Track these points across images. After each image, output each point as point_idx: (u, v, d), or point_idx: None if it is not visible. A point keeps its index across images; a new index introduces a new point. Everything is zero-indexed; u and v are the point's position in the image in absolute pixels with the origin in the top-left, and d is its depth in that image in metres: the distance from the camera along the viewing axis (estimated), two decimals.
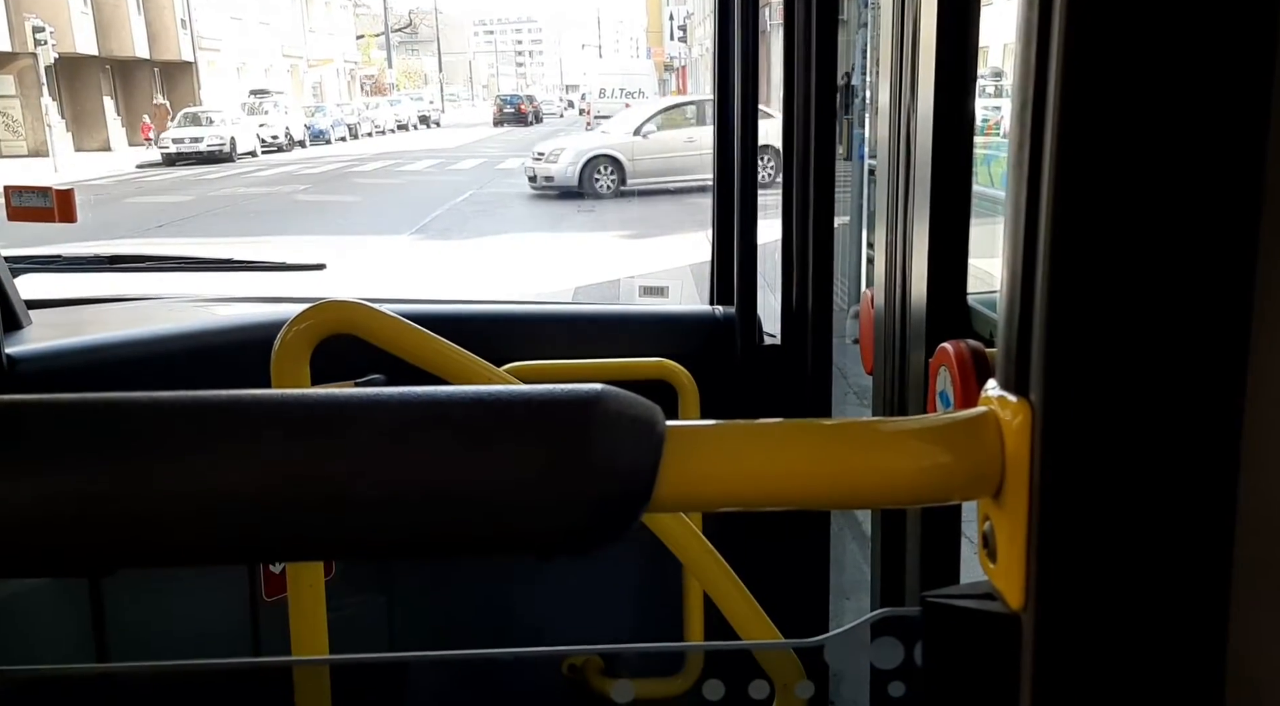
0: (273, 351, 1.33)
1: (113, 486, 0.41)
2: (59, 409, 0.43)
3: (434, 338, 1.37)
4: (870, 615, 0.56)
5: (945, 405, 1.03)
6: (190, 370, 1.82)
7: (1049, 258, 0.45)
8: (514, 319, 2.12)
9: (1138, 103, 0.43)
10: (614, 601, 2.10)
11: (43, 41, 23.99)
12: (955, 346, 1.04)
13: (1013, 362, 0.47)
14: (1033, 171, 0.45)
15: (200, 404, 0.43)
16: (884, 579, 1.30)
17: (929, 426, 0.50)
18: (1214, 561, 0.46)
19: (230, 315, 2.05)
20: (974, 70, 1.16)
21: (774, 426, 0.49)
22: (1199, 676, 0.47)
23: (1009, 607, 0.49)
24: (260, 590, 1.87)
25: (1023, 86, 0.46)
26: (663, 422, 0.46)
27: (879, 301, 1.33)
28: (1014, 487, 0.47)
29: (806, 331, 1.86)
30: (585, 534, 0.45)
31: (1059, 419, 0.45)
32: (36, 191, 2.25)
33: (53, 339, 1.79)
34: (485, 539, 0.46)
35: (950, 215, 1.15)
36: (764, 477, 0.48)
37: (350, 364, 1.59)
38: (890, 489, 0.49)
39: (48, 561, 0.44)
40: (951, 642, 0.51)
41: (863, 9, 6.03)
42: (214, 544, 0.44)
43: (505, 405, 0.45)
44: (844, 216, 6.10)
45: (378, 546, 0.46)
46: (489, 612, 2.09)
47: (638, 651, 0.84)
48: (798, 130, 1.79)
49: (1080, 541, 0.46)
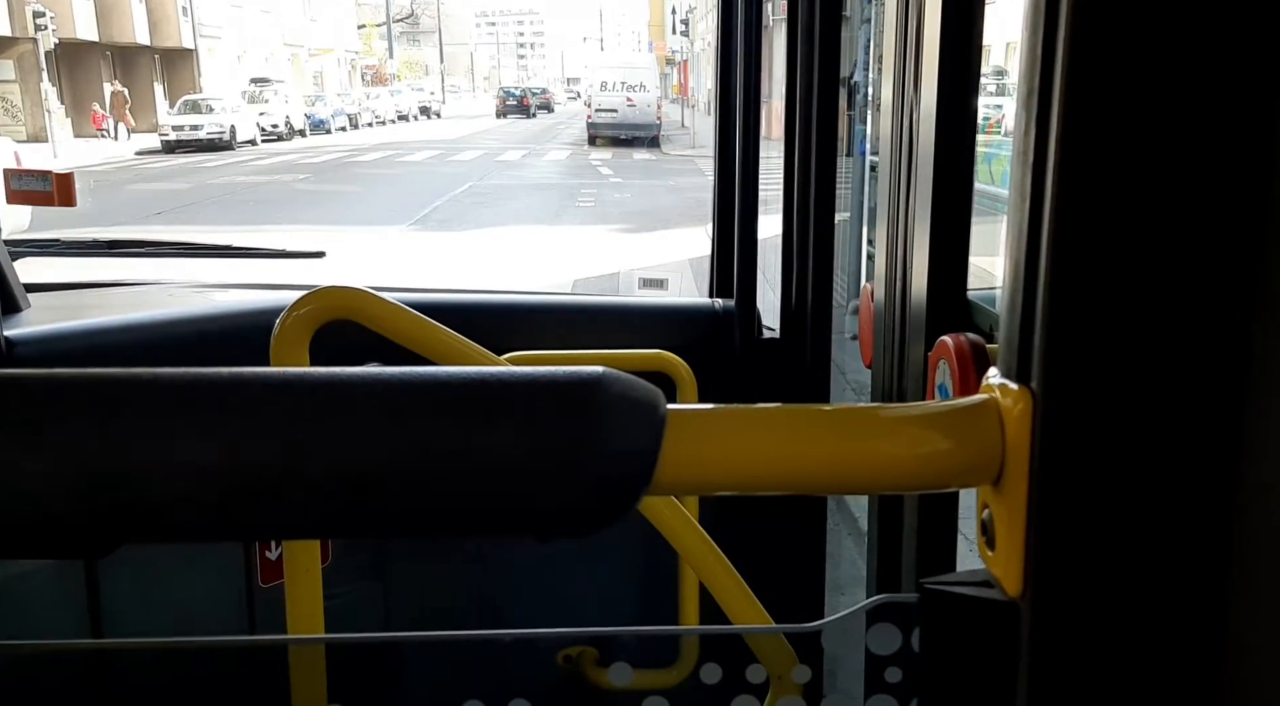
0: (272, 336, 1.33)
1: (110, 463, 0.41)
2: (55, 385, 0.43)
3: (434, 325, 1.37)
4: (867, 601, 0.56)
5: (945, 397, 1.04)
6: (189, 355, 1.82)
7: (1051, 245, 0.45)
8: (514, 309, 2.13)
9: (1140, 93, 0.43)
10: (610, 590, 2.10)
11: (43, 27, 23.92)
12: (955, 339, 1.04)
13: (1014, 350, 0.48)
14: (1037, 160, 0.45)
15: (199, 381, 0.43)
16: (880, 567, 1.31)
17: (930, 413, 0.50)
18: (1212, 550, 0.46)
19: (230, 300, 2.05)
20: (977, 67, 1.16)
21: (775, 411, 0.50)
22: (1196, 665, 0.47)
23: (1007, 594, 0.49)
24: (256, 576, 1.87)
25: (1028, 76, 0.46)
26: (664, 405, 0.46)
27: (879, 295, 1.33)
28: (1013, 475, 0.47)
29: (806, 325, 1.86)
30: (585, 515, 0.45)
31: (1060, 407, 0.46)
32: (36, 175, 2.25)
33: (52, 322, 1.79)
34: (485, 519, 0.46)
35: (952, 211, 1.15)
36: (764, 462, 0.48)
37: (349, 350, 1.59)
38: (890, 475, 0.49)
39: (44, 541, 0.44)
40: (949, 629, 0.51)
41: (866, 5, 6.03)
42: (211, 521, 0.44)
43: (507, 386, 0.45)
44: (844, 212, 6.10)
45: (376, 524, 0.46)
46: (485, 600, 2.10)
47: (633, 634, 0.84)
48: (800, 125, 1.79)
49: (1079, 529, 0.46)
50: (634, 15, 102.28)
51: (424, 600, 2.08)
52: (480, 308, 2.10)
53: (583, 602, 2.09)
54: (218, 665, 1.50)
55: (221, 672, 1.72)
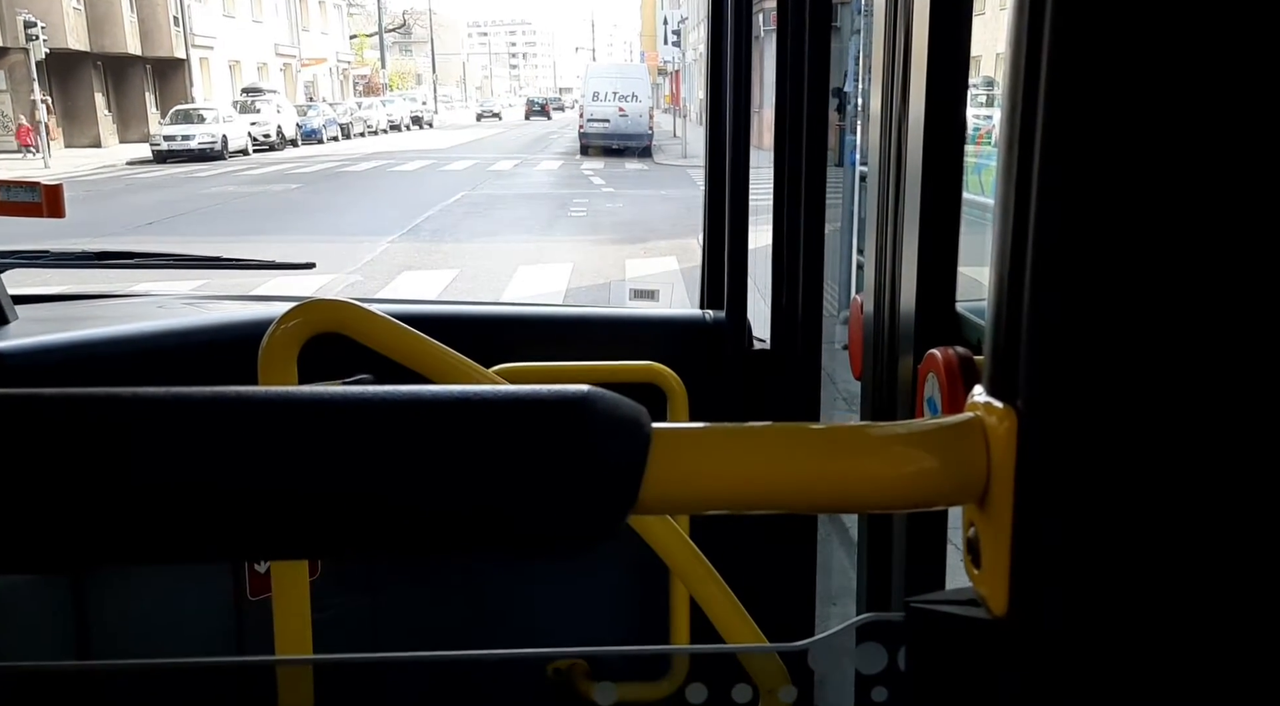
0: (260, 349, 1.33)
1: (94, 481, 0.41)
2: (40, 404, 0.43)
3: (422, 338, 1.37)
4: (854, 619, 0.56)
5: (933, 411, 1.03)
6: (177, 367, 1.81)
7: (1037, 264, 0.45)
8: (503, 320, 2.12)
9: (1127, 106, 0.43)
10: (600, 606, 2.09)
11: (34, 37, 23.90)
12: (943, 353, 1.04)
13: (1000, 369, 0.47)
14: (1021, 177, 0.45)
15: (185, 400, 0.43)
16: (870, 584, 1.30)
17: (915, 432, 0.50)
18: (1196, 568, 0.46)
19: (219, 313, 2.04)
20: (966, 78, 1.16)
21: (761, 429, 0.49)
22: (1180, 684, 0.47)
23: (992, 613, 0.49)
24: (245, 590, 1.86)
25: (1012, 91, 0.46)
26: (649, 424, 0.46)
27: (868, 307, 1.33)
28: (999, 494, 0.47)
29: (797, 337, 1.86)
30: (571, 535, 0.45)
31: (1045, 426, 0.45)
32: (24, 186, 2.23)
33: (39, 334, 1.78)
34: (469, 539, 0.46)
35: (940, 222, 1.15)
36: (751, 480, 0.48)
37: (338, 363, 1.58)
38: (876, 493, 0.49)
39: (28, 557, 0.44)
40: (935, 648, 0.51)
41: (856, 16, 6.06)
42: (197, 541, 0.43)
43: (491, 405, 0.45)
44: (834, 223, 6.12)
45: (361, 544, 0.45)
46: (474, 616, 2.09)
47: (622, 653, 0.84)
48: (790, 135, 1.79)
49: (1064, 549, 0.46)
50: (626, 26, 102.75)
51: (413, 613, 2.07)
52: (470, 319, 2.09)
53: (574, 617, 2.08)
54: (205, 681, 1.49)
55: (208, 687, 1.71)
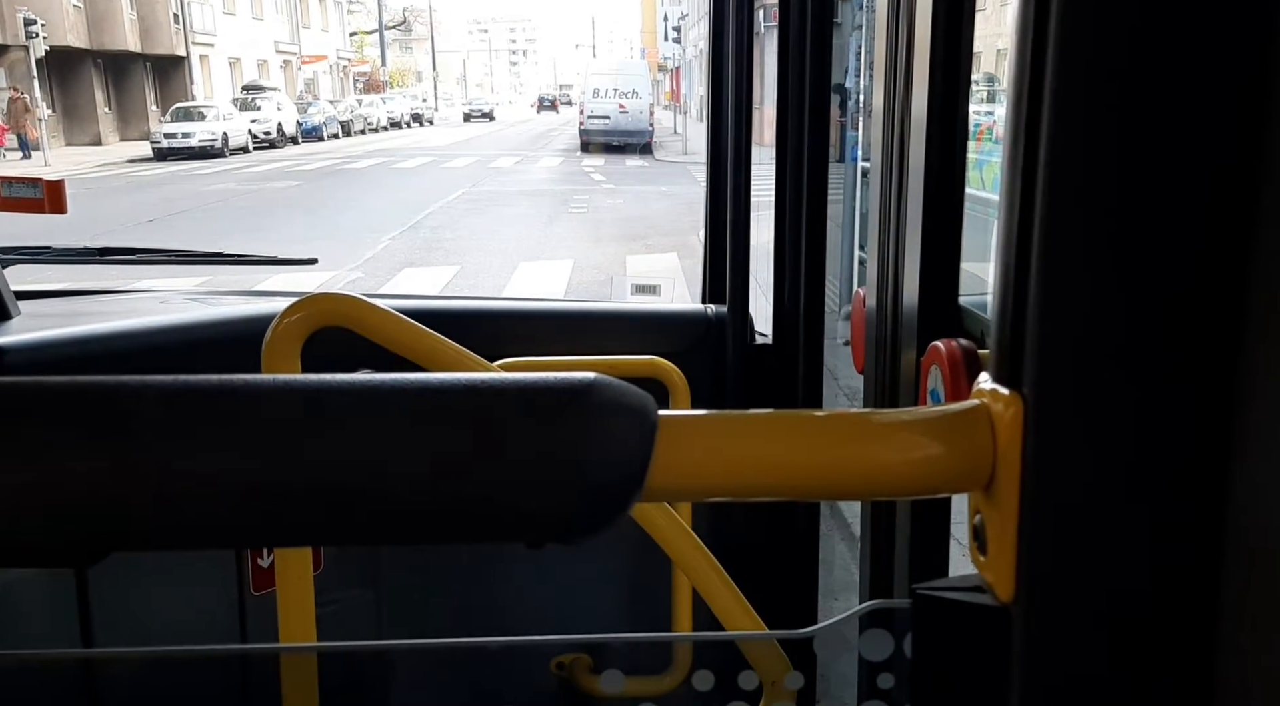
0: (264, 343, 1.33)
1: (99, 471, 0.41)
2: (44, 392, 0.43)
3: (426, 332, 1.37)
4: (860, 607, 0.56)
5: (936, 403, 1.04)
6: (180, 362, 1.81)
7: (1042, 250, 0.45)
8: (507, 315, 2.12)
9: (1131, 98, 0.44)
10: (603, 597, 2.10)
11: (34, 34, 23.86)
12: (947, 345, 1.05)
13: (1006, 355, 0.48)
14: (1027, 162, 0.45)
15: (189, 388, 0.43)
16: (873, 574, 1.31)
17: (921, 418, 0.50)
18: (1204, 555, 0.46)
19: (221, 308, 2.05)
20: (968, 73, 1.17)
21: (768, 416, 0.49)
22: (1188, 670, 0.47)
23: (999, 600, 0.49)
24: (248, 583, 1.87)
25: (1017, 82, 0.46)
26: (655, 411, 0.46)
27: (871, 301, 1.33)
28: (1005, 480, 0.47)
29: (798, 331, 1.86)
30: (576, 522, 0.45)
31: (1051, 412, 0.46)
32: (26, 182, 2.24)
33: (41, 330, 1.78)
34: (476, 526, 0.46)
35: (943, 216, 1.15)
36: (758, 467, 0.48)
37: (341, 357, 1.59)
38: (881, 480, 0.49)
39: (33, 550, 0.44)
40: (941, 635, 0.51)
41: (858, 12, 6.05)
42: (200, 529, 0.44)
43: (497, 392, 0.45)
44: (835, 219, 6.11)
45: (366, 532, 0.45)
46: (477, 609, 2.09)
47: (625, 641, 0.84)
48: (791, 131, 1.79)
49: (1071, 535, 0.46)
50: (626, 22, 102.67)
51: (417, 607, 2.08)
52: (473, 314, 2.10)
53: (576, 609, 2.09)
54: (210, 673, 1.50)
55: (213, 680, 1.71)
